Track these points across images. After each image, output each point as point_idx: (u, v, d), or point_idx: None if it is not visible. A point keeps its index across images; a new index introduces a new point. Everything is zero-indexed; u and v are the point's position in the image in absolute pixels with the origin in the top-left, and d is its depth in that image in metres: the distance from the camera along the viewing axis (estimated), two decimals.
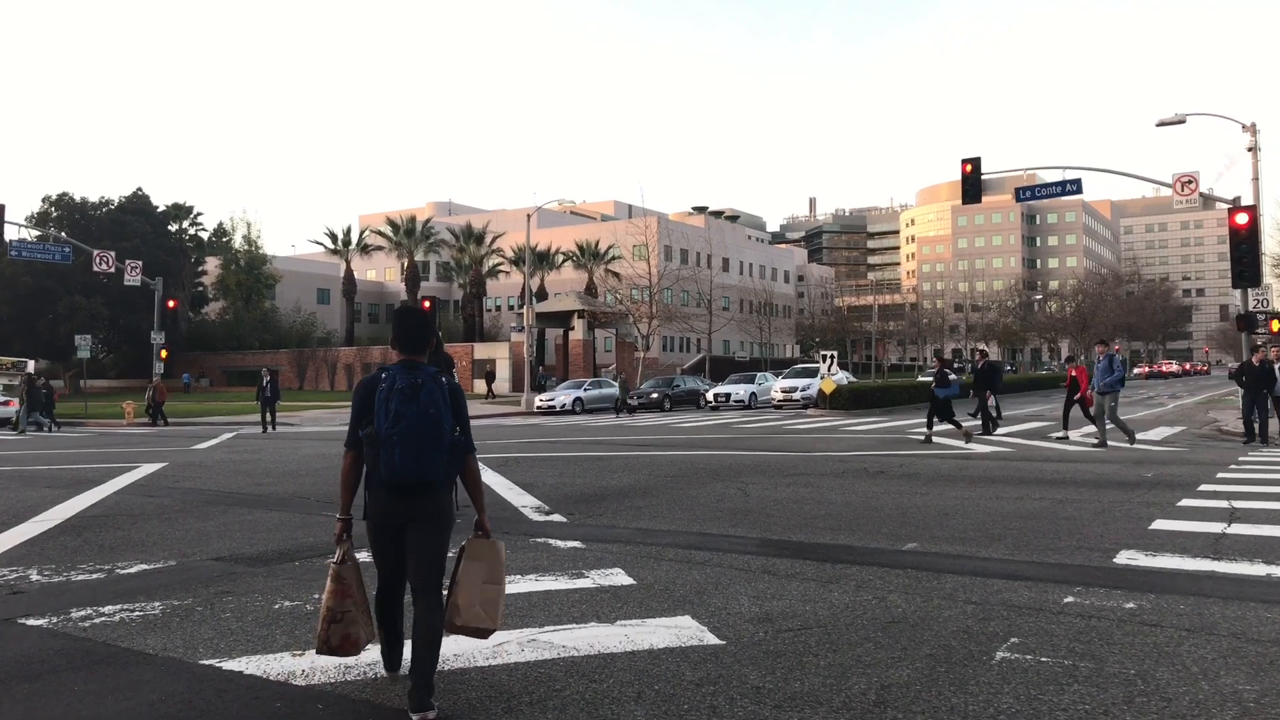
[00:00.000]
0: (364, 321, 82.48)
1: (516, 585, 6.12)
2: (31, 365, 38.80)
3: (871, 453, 15.96)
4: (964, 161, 27.09)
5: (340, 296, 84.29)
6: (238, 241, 71.03)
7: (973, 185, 26.96)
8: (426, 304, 36.55)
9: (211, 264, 69.76)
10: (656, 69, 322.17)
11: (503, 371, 55.91)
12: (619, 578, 6.36)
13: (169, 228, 67.08)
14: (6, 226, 31.79)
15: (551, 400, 36.96)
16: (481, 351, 56.62)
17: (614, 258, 68.66)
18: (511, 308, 75.58)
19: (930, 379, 21.12)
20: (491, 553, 4.20)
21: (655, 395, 36.37)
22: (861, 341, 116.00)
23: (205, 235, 72.56)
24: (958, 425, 18.34)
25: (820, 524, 8.52)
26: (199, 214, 70.07)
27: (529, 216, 41.10)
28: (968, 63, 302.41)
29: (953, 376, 19.03)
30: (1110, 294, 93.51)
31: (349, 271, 66.03)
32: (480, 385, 54.34)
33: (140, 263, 35.06)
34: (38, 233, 55.19)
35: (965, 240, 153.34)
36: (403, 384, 3.95)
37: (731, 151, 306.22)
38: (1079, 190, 25.75)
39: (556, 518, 9.21)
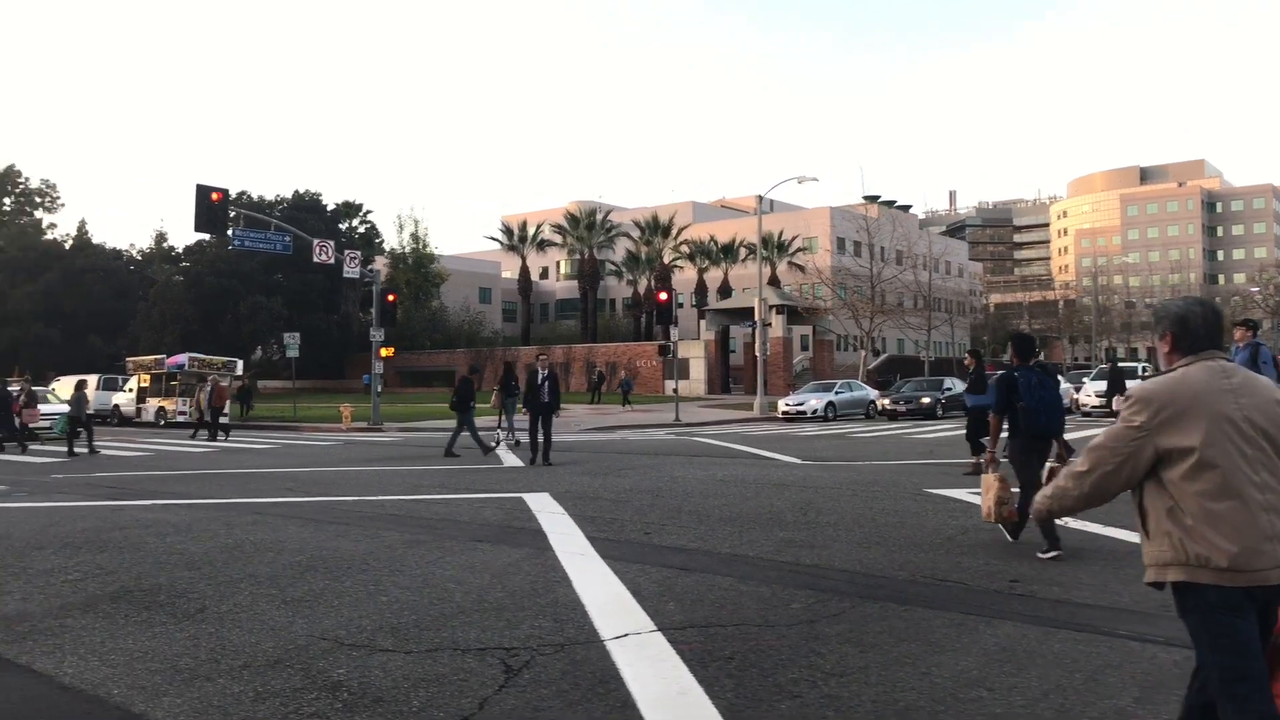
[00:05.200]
0: (518, 320, 79.90)
1: None
2: (240, 365, 36.67)
3: None
4: None
5: (500, 295, 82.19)
6: (405, 239, 69.19)
7: None
8: (664, 296, 32.68)
9: (378, 262, 68.12)
10: (781, 61, 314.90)
11: (696, 371, 51.74)
12: None
13: (340, 225, 65.77)
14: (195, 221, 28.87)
15: (800, 405, 32.50)
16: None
17: (799, 250, 63.75)
18: (681, 305, 71.48)
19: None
20: None
21: (927, 400, 31.48)
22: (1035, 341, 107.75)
23: (367, 234, 71.18)
24: (977, 453, 13.54)
25: None
26: (368, 211, 68.74)
27: (760, 199, 36.65)
28: (1113, 52, 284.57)
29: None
30: None
31: (524, 269, 63.23)
32: (672, 386, 50.29)
33: (359, 253, 32.19)
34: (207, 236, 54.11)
35: (1136, 231, 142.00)
36: (1035, 380, 7.67)
37: (865, 144, 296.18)
38: None
39: None
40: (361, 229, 68.40)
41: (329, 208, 65.59)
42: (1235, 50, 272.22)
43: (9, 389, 23.02)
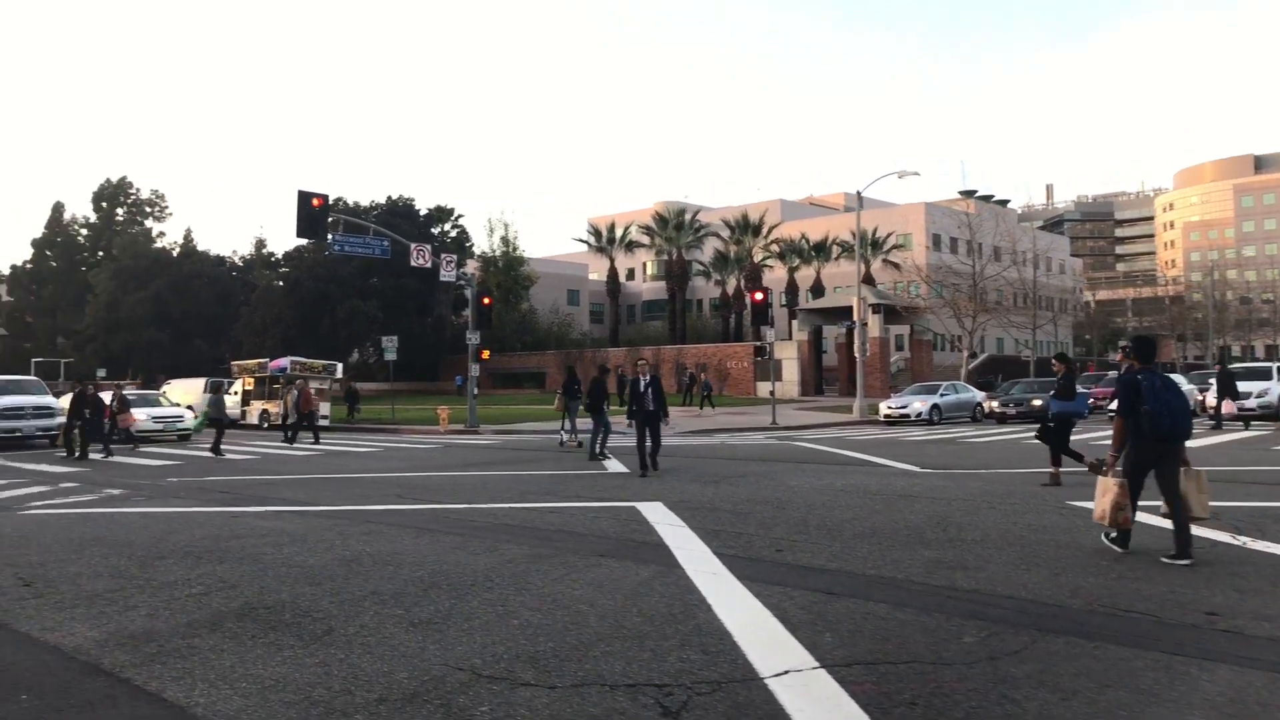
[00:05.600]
0: (605, 323, 79.95)
1: None
2: (340, 369, 37.34)
3: None
4: None
5: (587, 296, 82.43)
6: (495, 243, 69.89)
7: None
8: (760, 295, 32.04)
9: (469, 266, 68.92)
10: (868, 57, 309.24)
11: (789, 372, 50.78)
12: None
13: (432, 230, 66.70)
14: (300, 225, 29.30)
15: (903, 407, 31.44)
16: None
17: (894, 247, 62.14)
18: (770, 305, 70.41)
19: None
20: (1200, 476, 7.61)
21: (1038, 403, 30.00)
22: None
23: (458, 237, 72.04)
24: (1058, 463, 12.77)
25: None
26: (459, 216, 69.53)
27: (859, 195, 35.60)
28: (1219, 38, 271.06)
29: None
30: None
31: (612, 270, 63.17)
32: (765, 388, 49.42)
33: (454, 257, 32.47)
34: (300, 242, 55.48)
35: (1251, 223, 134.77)
36: (1159, 383, 7.38)
37: (958, 139, 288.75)
38: None
39: None
40: (453, 233, 69.29)
41: (421, 213, 66.62)
42: None
43: (99, 394, 22.94)
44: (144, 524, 10.44)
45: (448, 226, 68.80)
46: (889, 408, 31.75)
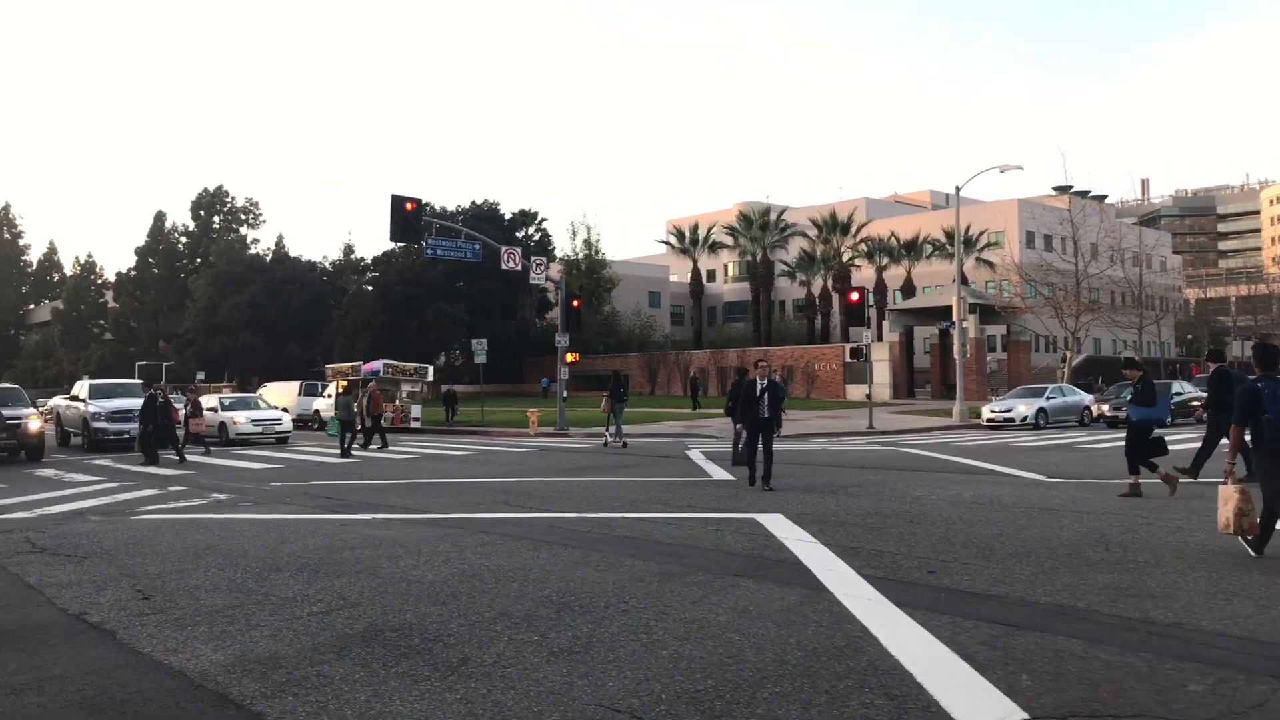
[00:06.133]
0: (685, 324, 79.35)
1: None
2: (431, 371, 37.57)
3: None
4: None
5: (668, 298, 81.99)
6: (578, 245, 69.99)
7: None
8: (855, 296, 31.08)
9: (553, 269, 69.07)
10: (950, 51, 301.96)
11: (881, 374, 49.35)
12: None
13: (517, 234, 67.10)
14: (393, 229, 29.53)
15: (1008, 411, 30.09)
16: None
17: (988, 245, 60.10)
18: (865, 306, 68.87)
19: None
20: None
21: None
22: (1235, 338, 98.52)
23: (541, 240, 72.37)
24: (1152, 466, 12.19)
25: None
26: (543, 219, 69.77)
27: (957, 190, 34.26)
28: None
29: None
30: None
31: (695, 272, 62.49)
32: (855, 391, 48.17)
33: (545, 259, 32.40)
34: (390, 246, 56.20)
35: None
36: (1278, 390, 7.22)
37: (1050, 133, 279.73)
38: None
39: None
40: (536, 236, 69.63)
41: (506, 217, 67.07)
42: None
43: (168, 396, 22.65)
44: (255, 532, 10.25)
45: (531, 230, 69.14)
46: (992, 411, 30.43)
